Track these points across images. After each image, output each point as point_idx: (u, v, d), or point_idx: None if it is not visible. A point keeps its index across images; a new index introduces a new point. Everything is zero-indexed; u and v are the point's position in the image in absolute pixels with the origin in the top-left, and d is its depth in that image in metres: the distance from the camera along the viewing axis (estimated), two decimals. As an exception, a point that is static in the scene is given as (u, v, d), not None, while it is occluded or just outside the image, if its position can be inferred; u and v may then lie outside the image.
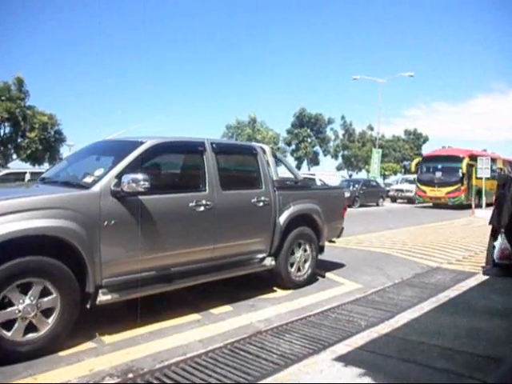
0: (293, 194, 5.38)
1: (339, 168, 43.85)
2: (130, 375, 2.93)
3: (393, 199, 27.10)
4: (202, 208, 4.26)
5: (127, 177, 3.59)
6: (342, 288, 5.55)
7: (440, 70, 67.40)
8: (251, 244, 4.88)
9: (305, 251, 5.50)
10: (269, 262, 5.02)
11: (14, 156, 26.32)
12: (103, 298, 3.51)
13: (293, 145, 43.09)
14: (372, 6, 66.58)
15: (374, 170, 32.26)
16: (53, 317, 3.25)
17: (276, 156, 5.71)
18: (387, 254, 7.97)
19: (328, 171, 32.57)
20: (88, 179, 3.80)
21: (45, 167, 23.48)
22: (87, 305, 3.50)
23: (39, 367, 3.04)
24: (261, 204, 4.89)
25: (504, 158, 26.32)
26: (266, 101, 62.91)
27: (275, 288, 5.30)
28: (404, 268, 6.80)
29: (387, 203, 25.20)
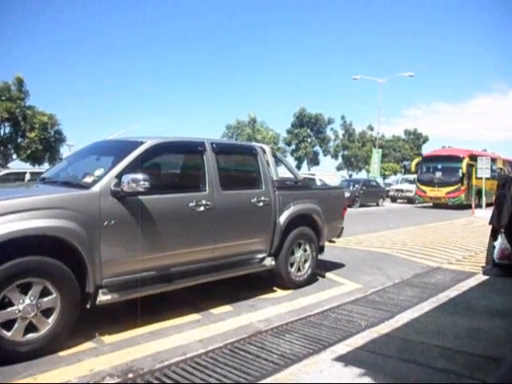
0: (293, 194, 5.38)
1: (339, 168, 43.92)
2: (130, 375, 2.93)
3: (393, 199, 27.10)
4: (202, 208, 4.26)
5: (127, 177, 3.59)
6: (342, 288, 5.55)
7: (440, 70, 67.52)
8: (251, 244, 4.88)
9: (305, 251, 5.50)
10: (269, 262, 5.02)
11: (14, 156, 26.33)
12: (103, 298, 3.51)
13: (293, 145, 43.08)
14: (372, 6, 66.75)
15: (374, 170, 32.25)
16: (53, 317, 3.25)
17: (276, 156, 5.71)
18: (387, 254, 7.97)
19: (328, 171, 32.57)
20: (88, 179, 3.80)
21: (45, 167, 23.48)
22: (87, 305, 3.50)
23: (39, 367, 3.04)
24: (261, 204, 4.89)
25: (504, 158, 26.32)
26: (266, 101, 63.04)
27: (275, 288, 5.30)
28: (404, 268, 6.80)
29: (387, 203, 25.20)
